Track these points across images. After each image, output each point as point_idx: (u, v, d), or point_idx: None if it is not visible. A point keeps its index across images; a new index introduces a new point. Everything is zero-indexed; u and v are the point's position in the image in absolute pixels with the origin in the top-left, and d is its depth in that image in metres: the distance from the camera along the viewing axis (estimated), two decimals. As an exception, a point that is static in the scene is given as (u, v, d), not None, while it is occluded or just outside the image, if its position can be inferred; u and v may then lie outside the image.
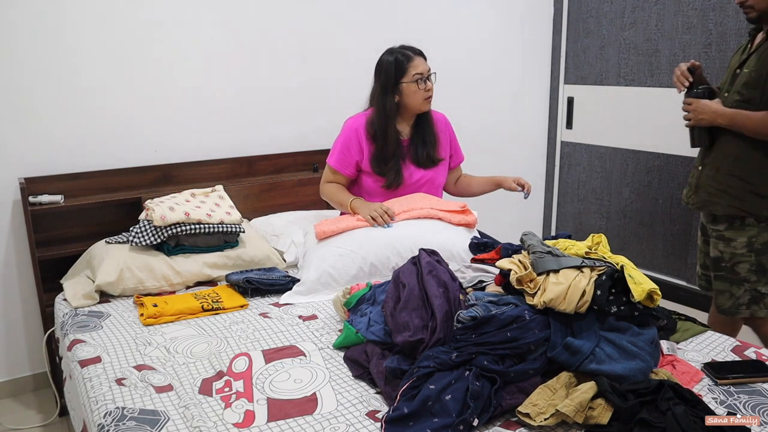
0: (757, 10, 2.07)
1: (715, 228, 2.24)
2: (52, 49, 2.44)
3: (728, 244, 2.19)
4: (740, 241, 2.17)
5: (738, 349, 1.71)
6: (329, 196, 2.45)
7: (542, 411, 1.34)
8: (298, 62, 3.00)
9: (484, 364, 1.42)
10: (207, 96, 2.81)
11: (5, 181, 2.44)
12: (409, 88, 2.31)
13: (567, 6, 3.78)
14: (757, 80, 2.05)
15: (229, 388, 1.54)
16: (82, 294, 2.12)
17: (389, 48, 2.37)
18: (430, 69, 2.35)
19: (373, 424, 1.39)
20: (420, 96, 2.32)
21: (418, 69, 2.30)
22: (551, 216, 4.14)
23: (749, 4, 2.08)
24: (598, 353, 1.44)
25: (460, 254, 2.18)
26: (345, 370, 1.62)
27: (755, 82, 2.06)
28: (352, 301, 1.83)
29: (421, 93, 2.32)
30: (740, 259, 2.18)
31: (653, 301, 1.53)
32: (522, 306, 1.55)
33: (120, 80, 2.60)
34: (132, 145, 2.67)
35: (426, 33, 3.33)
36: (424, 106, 2.37)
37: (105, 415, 1.44)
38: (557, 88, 3.92)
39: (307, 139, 3.09)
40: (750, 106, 2.07)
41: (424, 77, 2.31)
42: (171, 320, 1.95)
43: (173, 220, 2.21)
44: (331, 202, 2.46)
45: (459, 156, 2.58)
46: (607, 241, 1.74)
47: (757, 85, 2.05)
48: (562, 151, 4.00)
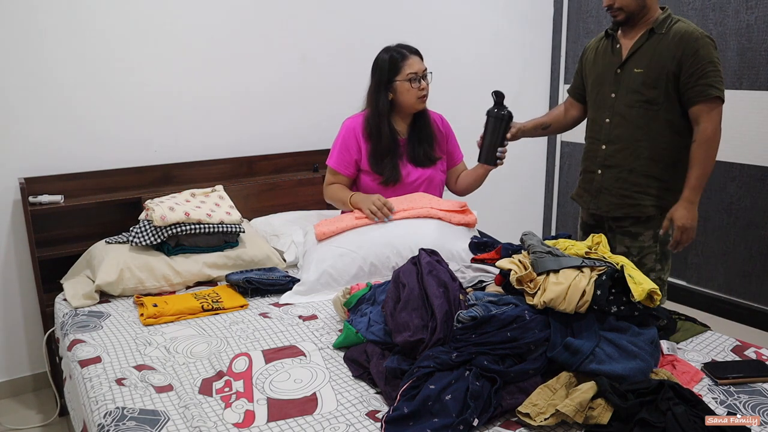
0: (627, 11, 2.13)
1: (619, 225, 2.26)
2: (51, 49, 2.44)
3: (635, 239, 2.23)
4: (647, 234, 2.22)
5: (738, 349, 1.71)
6: (332, 197, 2.45)
7: (542, 411, 1.34)
8: (298, 62, 3.01)
9: (484, 364, 1.42)
10: (207, 96, 2.81)
11: (5, 181, 2.44)
12: (403, 87, 2.31)
13: (567, 6, 3.78)
14: (657, 80, 2.10)
15: (229, 388, 1.54)
16: (82, 294, 2.11)
17: (386, 46, 2.37)
18: (426, 68, 2.35)
19: (373, 424, 1.39)
20: (413, 95, 2.33)
21: (413, 68, 2.31)
22: (551, 216, 4.14)
23: (618, 6, 2.13)
24: (598, 353, 1.44)
25: (460, 254, 2.18)
26: (345, 370, 1.62)
27: (655, 81, 2.11)
28: (352, 301, 1.83)
29: (414, 92, 2.32)
30: (647, 251, 2.23)
31: (653, 301, 1.53)
32: (522, 306, 1.55)
33: (120, 80, 2.60)
34: (132, 145, 2.67)
35: (426, 33, 3.33)
36: (418, 105, 2.37)
37: (105, 415, 1.44)
38: (557, 88, 3.92)
39: (307, 139, 3.09)
40: (653, 105, 2.12)
41: (419, 76, 2.31)
42: (171, 320, 1.95)
43: (173, 220, 2.21)
44: (335, 202, 2.46)
45: (458, 154, 2.58)
46: (607, 241, 1.74)
47: (657, 84, 2.10)
48: (562, 151, 4.00)
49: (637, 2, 2.11)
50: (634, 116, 2.16)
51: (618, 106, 2.19)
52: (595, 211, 2.32)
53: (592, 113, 2.33)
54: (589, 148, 2.34)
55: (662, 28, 2.11)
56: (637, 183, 2.20)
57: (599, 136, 2.27)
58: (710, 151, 2.07)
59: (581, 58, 2.43)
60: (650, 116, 2.14)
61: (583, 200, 2.37)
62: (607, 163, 2.24)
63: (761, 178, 3.02)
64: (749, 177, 2.88)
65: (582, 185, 2.38)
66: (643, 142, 2.17)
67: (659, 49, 2.10)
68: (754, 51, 2.96)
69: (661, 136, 2.15)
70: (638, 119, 2.16)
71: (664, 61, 2.09)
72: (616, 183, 2.23)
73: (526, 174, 4.04)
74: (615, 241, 2.29)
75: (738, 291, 3.19)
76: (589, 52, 2.37)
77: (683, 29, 2.08)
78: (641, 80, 2.12)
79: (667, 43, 2.09)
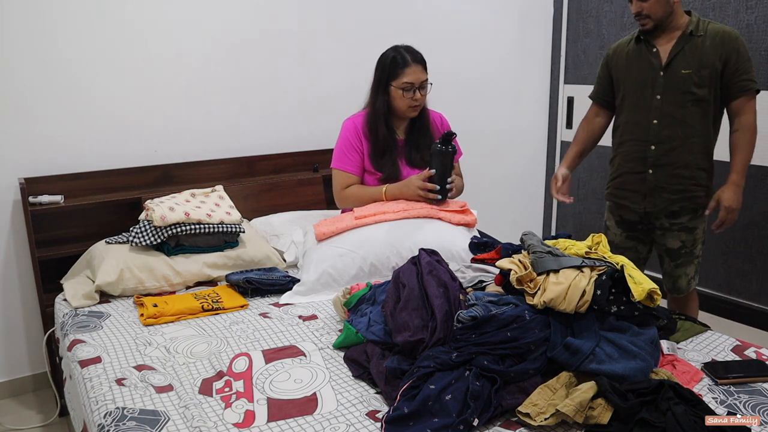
0: (654, 19, 2.23)
1: (675, 222, 2.36)
2: (51, 49, 2.44)
3: (691, 233, 2.37)
4: (701, 227, 2.38)
5: (738, 349, 1.71)
6: (355, 198, 2.38)
7: (542, 411, 1.34)
8: (298, 62, 3.01)
9: (484, 364, 1.42)
10: (207, 96, 2.81)
11: (5, 181, 2.44)
12: (396, 93, 2.31)
13: (567, 6, 3.78)
14: (706, 78, 2.22)
15: (229, 388, 1.54)
16: (82, 294, 2.11)
17: (395, 45, 2.35)
18: (426, 79, 2.32)
19: (373, 424, 1.39)
20: (405, 103, 2.31)
21: (410, 78, 2.27)
22: (551, 216, 4.14)
23: (646, 14, 2.23)
24: (598, 353, 1.44)
25: (460, 254, 2.18)
26: (345, 370, 1.62)
27: (704, 80, 2.22)
28: (352, 301, 1.83)
29: (406, 101, 2.31)
30: (699, 242, 2.40)
31: (653, 301, 1.53)
32: (522, 306, 1.55)
33: (120, 80, 2.60)
34: (132, 145, 2.67)
35: (426, 32, 3.33)
36: (409, 113, 2.35)
37: (105, 416, 1.44)
38: (557, 88, 3.92)
39: (307, 139, 3.09)
40: (703, 103, 2.25)
41: (414, 87, 2.28)
42: (171, 320, 1.95)
43: (173, 220, 2.21)
44: (359, 203, 2.37)
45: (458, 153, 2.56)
46: (607, 241, 1.74)
47: (706, 83, 2.23)
48: (562, 151, 3.99)
49: (663, 9, 2.21)
50: (686, 115, 2.26)
51: (666, 107, 2.28)
52: (650, 209, 2.38)
53: (631, 116, 2.38)
54: (632, 150, 2.39)
55: (699, 30, 2.23)
56: (691, 177, 2.31)
57: (646, 137, 2.33)
58: (753, 138, 2.25)
59: (606, 65, 2.48)
60: (701, 113, 2.26)
61: (631, 200, 2.43)
62: (660, 162, 2.33)
63: (761, 178, 3.02)
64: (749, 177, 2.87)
65: (626, 186, 2.43)
66: (696, 138, 2.28)
67: (704, 50, 2.21)
68: (754, 51, 2.96)
69: (710, 131, 2.29)
70: (690, 117, 2.26)
71: (711, 61, 2.20)
72: (671, 180, 2.32)
73: (526, 174, 4.04)
74: (669, 238, 2.38)
75: (738, 291, 3.19)
76: (617, 57, 2.42)
77: (720, 29, 2.22)
78: (692, 80, 2.23)
79: (709, 44, 2.21)
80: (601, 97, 2.53)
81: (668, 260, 2.43)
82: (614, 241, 2.54)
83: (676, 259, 2.40)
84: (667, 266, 2.45)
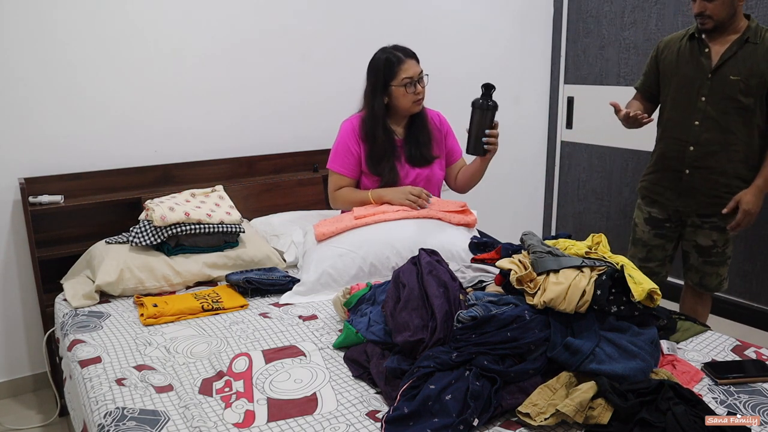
0: (716, 20, 2.19)
1: (707, 220, 2.36)
2: (51, 49, 2.44)
3: (723, 232, 2.36)
4: None
5: (738, 349, 1.71)
6: (344, 200, 2.41)
7: (542, 411, 1.34)
8: (298, 62, 3.01)
9: (484, 364, 1.42)
10: (207, 96, 2.81)
11: (5, 181, 2.44)
12: (398, 92, 2.31)
13: (567, 6, 3.78)
14: (755, 87, 2.18)
15: (229, 388, 1.54)
16: (82, 294, 2.11)
17: (382, 47, 2.36)
18: (422, 71, 2.33)
19: (373, 424, 1.39)
20: (409, 99, 2.32)
21: (408, 72, 2.28)
22: (551, 216, 4.14)
23: (708, 14, 2.19)
24: (598, 353, 1.44)
25: (460, 254, 2.18)
26: (345, 370, 1.62)
27: (752, 89, 2.19)
28: (352, 301, 1.83)
29: (410, 96, 2.31)
30: (730, 242, 2.40)
31: (653, 301, 1.53)
32: (522, 306, 1.55)
33: (120, 80, 2.60)
34: (132, 145, 2.67)
35: (426, 32, 3.33)
36: (414, 109, 2.36)
37: (105, 416, 1.44)
38: (557, 88, 3.92)
39: (307, 139, 3.09)
40: (747, 112, 2.23)
41: (414, 81, 2.29)
42: (171, 320, 1.95)
43: (173, 220, 2.21)
44: (348, 205, 2.40)
45: (458, 151, 2.57)
46: (607, 241, 1.74)
47: (754, 92, 2.19)
48: (562, 151, 4.00)
49: (727, 11, 2.18)
50: (729, 121, 2.25)
51: (709, 110, 2.26)
52: (682, 208, 2.39)
53: (674, 114, 2.37)
54: (671, 148, 2.39)
55: (756, 37, 2.19)
56: (727, 185, 2.30)
57: (686, 137, 2.33)
58: None
59: (656, 57, 2.44)
60: (744, 122, 2.24)
61: (665, 197, 2.43)
62: (697, 164, 2.32)
63: (761, 178, 3.02)
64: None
65: (662, 183, 2.43)
66: (737, 146, 2.26)
67: (756, 59, 2.18)
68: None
69: (754, 141, 2.27)
70: (733, 124, 2.24)
71: (762, 70, 2.18)
72: (706, 183, 2.32)
73: (526, 174, 4.04)
74: (700, 236, 2.39)
75: (738, 291, 3.19)
76: (668, 51, 2.39)
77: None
78: (738, 87, 2.20)
79: (763, 53, 2.18)
80: (647, 89, 2.49)
81: (696, 256, 2.42)
82: (642, 238, 2.54)
83: (706, 256, 2.40)
84: (694, 261, 2.44)
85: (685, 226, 2.44)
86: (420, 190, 2.30)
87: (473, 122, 2.25)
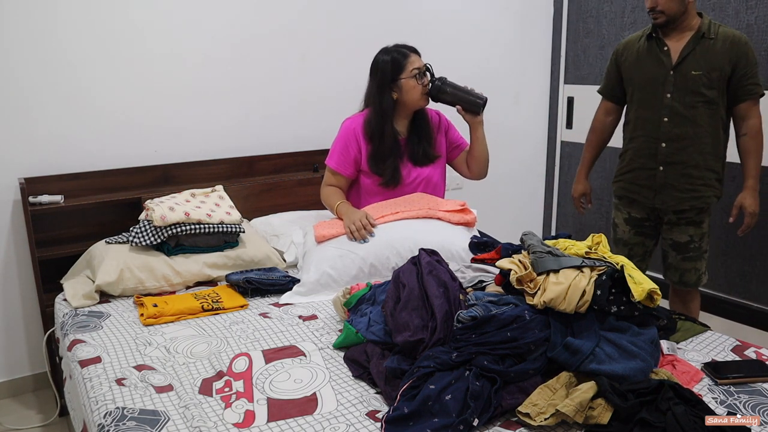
0: (668, 15, 2.26)
1: (683, 216, 2.40)
2: (51, 49, 2.44)
3: (699, 227, 2.42)
4: (706, 221, 2.43)
5: (738, 349, 1.71)
6: (325, 199, 2.46)
7: (542, 411, 1.34)
8: (298, 62, 3.01)
9: (484, 364, 1.42)
10: (207, 96, 2.81)
11: (5, 181, 2.44)
12: (408, 84, 2.31)
13: (567, 6, 3.78)
14: (716, 81, 2.26)
15: (229, 388, 1.54)
16: (82, 294, 2.11)
17: (384, 48, 2.37)
18: (425, 63, 2.36)
19: (373, 424, 1.39)
20: (419, 90, 2.33)
21: (415, 65, 2.32)
22: (551, 216, 4.14)
23: (660, 10, 2.25)
24: (598, 353, 1.44)
25: (460, 254, 2.18)
26: (345, 370, 1.62)
27: (713, 82, 2.26)
28: (352, 301, 1.83)
29: (419, 88, 2.33)
30: (707, 236, 2.45)
31: (653, 301, 1.53)
32: (522, 306, 1.55)
33: (120, 80, 2.60)
34: (132, 145, 2.67)
35: (426, 33, 3.33)
36: (423, 101, 2.37)
37: (105, 415, 1.44)
38: (557, 88, 3.92)
39: (307, 139, 3.09)
40: (712, 105, 2.29)
41: (422, 72, 2.33)
42: (171, 320, 1.95)
43: (173, 220, 2.21)
44: (326, 205, 2.47)
45: (463, 141, 2.56)
46: (607, 241, 1.74)
47: (715, 85, 2.27)
48: (562, 151, 4.00)
49: (678, 7, 2.24)
50: (696, 115, 2.29)
51: (676, 106, 2.31)
52: (659, 205, 2.41)
53: (642, 112, 2.40)
54: (643, 146, 2.42)
55: (710, 33, 2.26)
56: (700, 177, 2.35)
57: (657, 134, 2.36)
58: (762, 142, 2.31)
59: (615, 60, 2.50)
60: (710, 114, 2.30)
61: (642, 196, 2.45)
62: (670, 160, 2.36)
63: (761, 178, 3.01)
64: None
65: (638, 182, 2.46)
66: (706, 138, 2.32)
67: (714, 53, 2.25)
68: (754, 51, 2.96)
69: (719, 132, 2.34)
70: (700, 118, 2.29)
71: (720, 64, 2.25)
72: (681, 179, 2.36)
73: (526, 174, 4.04)
74: (676, 232, 2.43)
75: (738, 291, 3.19)
76: (627, 53, 2.44)
77: (731, 34, 2.27)
78: (701, 82, 2.26)
79: (720, 47, 2.25)
80: (611, 92, 2.56)
81: (674, 254, 2.45)
82: (623, 238, 2.57)
83: (684, 252, 2.43)
84: (672, 260, 2.47)
85: (662, 223, 2.47)
86: (366, 222, 2.21)
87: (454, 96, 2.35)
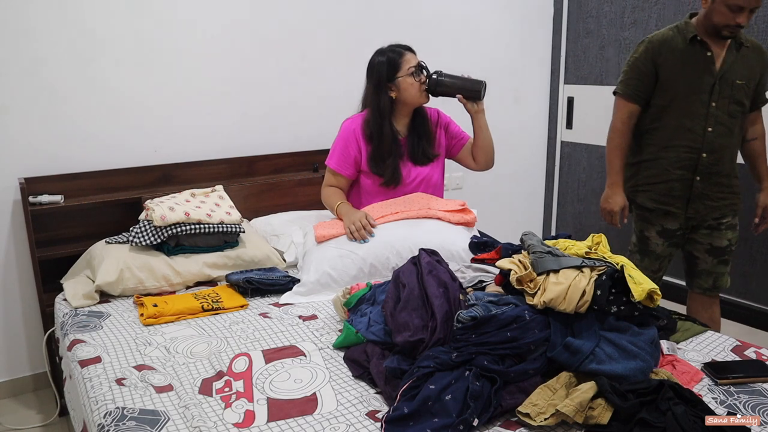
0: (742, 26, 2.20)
1: (723, 221, 2.38)
2: (50, 49, 2.44)
3: (735, 230, 2.41)
4: (738, 224, 2.43)
5: (738, 349, 1.71)
6: (325, 199, 2.46)
7: (542, 411, 1.34)
8: (298, 62, 3.01)
9: (484, 364, 1.42)
10: (207, 96, 2.81)
11: (5, 181, 2.44)
12: (406, 82, 2.31)
13: (567, 6, 3.78)
14: (757, 89, 2.28)
15: (229, 388, 1.54)
16: (82, 294, 2.12)
17: (378, 49, 2.36)
18: (420, 61, 2.35)
19: (373, 424, 1.39)
20: (417, 87, 2.33)
21: (411, 63, 2.31)
22: (551, 216, 4.14)
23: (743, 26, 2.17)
24: (598, 353, 1.44)
25: (460, 254, 2.18)
26: (345, 370, 1.62)
27: (750, 91, 2.27)
28: (352, 301, 1.83)
29: (417, 84, 2.32)
30: (737, 239, 2.43)
31: (653, 301, 1.53)
32: (522, 306, 1.55)
33: (120, 80, 2.60)
34: (132, 145, 2.67)
35: (426, 33, 3.33)
36: (423, 98, 2.36)
37: (105, 415, 1.44)
38: (557, 88, 3.92)
39: (307, 139, 3.09)
40: (744, 113, 2.30)
41: (418, 69, 2.32)
42: (171, 320, 1.95)
43: (173, 220, 2.21)
44: (326, 205, 2.47)
45: (464, 134, 2.55)
46: (607, 241, 1.74)
47: (751, 94, 2.28)
48: (562, 151, 4.00)
49: None
50: (734, 124, 2.29)
51: (720, 115, 2.25)
52: (692, 215, 2.36)
53: (683, 121, 2.27)
54: (683, 157, 2.30)
55: (746, 39, 2.25)
56: (729, 185, 2.35)
57: (699, 145, 2.27)
58: None
59: (652, 59, 2.27)
60: (740, 123, 2.32)
61: (675, 206, 2.35)
62: (708, 170, 2.30)
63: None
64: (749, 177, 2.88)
65: (673, 193, 2.34)
66: (736, 147, 2.36)
67: (750, 61, 2.25)
68: (754, 51, 2.96)
69: (740, 139, 2.37)
70: (735, 127, 2.29)
71: (756, 73, 2.27)
72: (715, 188, 2.33)
73: (526, 174, 4.04)
74: (716, 237, 2.38)
75: (738, 291, 3.19)
76: (667, 53, 2.25)
77: (752, 40, 2.28)
78: (744, 91, 2.25)
79: (752, 55, 2.26)
80: (641, 94, 2.32)
81: (711, 258, 2.39)
82: (656, 251, 2.42)
83: (721, 256, 2.40)
84: (707, 265, 2.40)
85: (699, 229, 2.39)
86: (365, 223, 2.21)
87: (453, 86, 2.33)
